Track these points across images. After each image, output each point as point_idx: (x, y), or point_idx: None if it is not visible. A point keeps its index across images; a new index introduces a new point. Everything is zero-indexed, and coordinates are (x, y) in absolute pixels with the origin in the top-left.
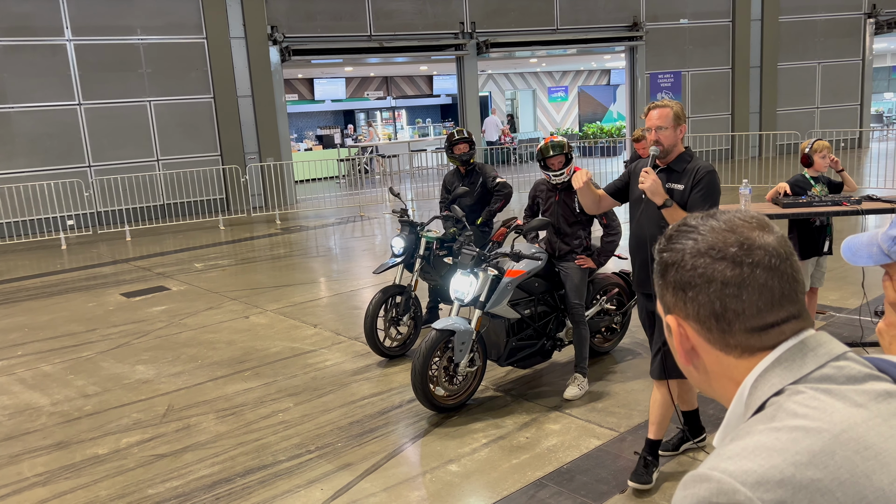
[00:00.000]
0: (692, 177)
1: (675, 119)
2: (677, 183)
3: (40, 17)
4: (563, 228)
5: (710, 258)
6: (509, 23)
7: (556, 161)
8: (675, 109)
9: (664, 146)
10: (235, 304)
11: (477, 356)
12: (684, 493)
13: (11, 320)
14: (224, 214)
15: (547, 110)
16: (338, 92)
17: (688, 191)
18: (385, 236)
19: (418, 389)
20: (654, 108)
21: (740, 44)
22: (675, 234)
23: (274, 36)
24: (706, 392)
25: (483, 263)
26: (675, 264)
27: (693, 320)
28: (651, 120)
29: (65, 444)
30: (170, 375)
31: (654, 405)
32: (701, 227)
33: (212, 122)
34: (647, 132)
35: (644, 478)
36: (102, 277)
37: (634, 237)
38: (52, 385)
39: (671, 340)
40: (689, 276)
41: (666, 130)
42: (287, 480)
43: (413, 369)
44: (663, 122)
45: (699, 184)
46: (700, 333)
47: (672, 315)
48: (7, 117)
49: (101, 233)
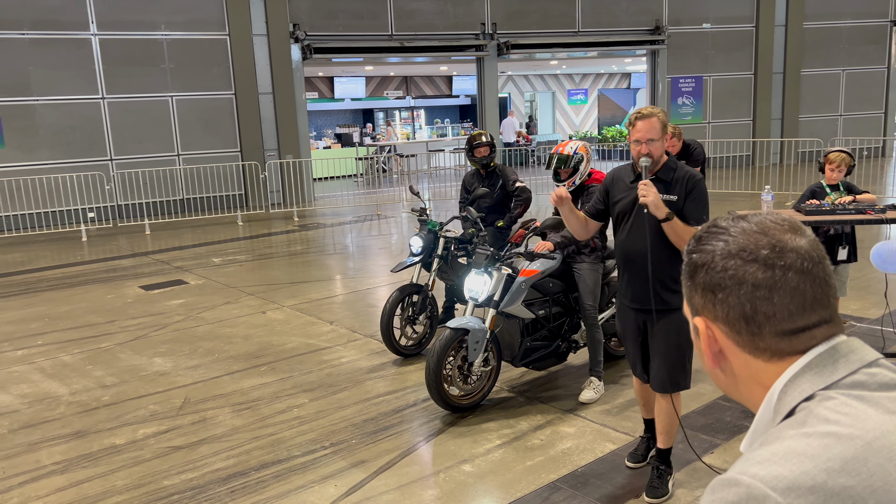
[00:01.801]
0: (684, 186)
1: (661, 128)
2: (669, 193)
3: (67, 11)
4: None
5: (741, 260)
6: (530, 24)
7: (561, 172)
8: (661, 118)
9: (654, 158)
10: (252, 299)
11: (491, 356)
12: (712, 497)
13: (32, 310)
14: (242, 210)
15: (566, 113)
16: (357, 91)
17: (682, 201)
18: (401, 235)
19: (432, 388)
20: (640, 118)
21: (764, 49)
22: (704, 236)
23: (296, 34)
24: (732, 396)
25: (497, 263)
26: (704, 265)
27: (722, 322)
28: (639, 132)
29: (83, 433)
30: (187, 368)
31: (659, 415)
32: (732, 229)
33: (232, 118)
34: (636, 144)
35: (660, 490)
36: (122, 270)
37: (625, 250)
38: (70, 375)
39: (698, 343)
40: (720, 278)
41: (656, 143)
42: (301, 475)
43: (427, 368)
44: (653, 133)
45: (692, 193)
46: (729, 336)
47: (700, 317)
48: (32, 109)
49: (121, 226)
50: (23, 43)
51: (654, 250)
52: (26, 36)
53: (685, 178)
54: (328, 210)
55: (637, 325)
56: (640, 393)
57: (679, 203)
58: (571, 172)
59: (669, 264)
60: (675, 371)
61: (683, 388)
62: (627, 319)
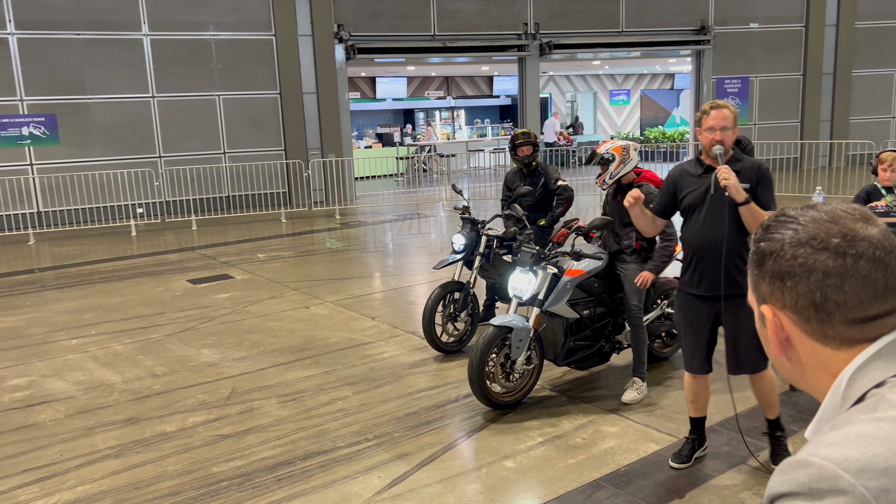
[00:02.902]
0: (755, 173)
1: (734, 120)
2: (743, 182)
3: (120, 12)
4: (616, 228)
5: (811, 248)
6: (573, 24)
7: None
8: (732, 110)
9: (726, 146)
10: (296, 294)
11: (534, 354)
12: (781, 478)
13: (86, 301)
14: (286, 208)
15: (608, 113)
16: (399, 91)
17: (754, 187)
18: (441, 234)
19: (475, 384)
20: (715, 107)
21: (813, 50)
22: (773, 224)
23: (340, 34)
24: (797, 384)
25: (543, 261)
26: (773, 253)
27: (790, 310)
28: (713, 119)
29: (135, 419)
30: (233, 360)
31: (759, 394)
32: (801, 218)
33: (277, 117)
34: (710, 132)
35: (782, 456)
36: (170, 264)
37: (699, 239)
38: (123, 364)
39: (763, 332)
40: (789, 266)
41: (728, 131)
42: (346, 466)
43: (470, 365)
44: (727, 122)
45: (763, 179)
46: (797, 324)
47: (768, 305)
48: (86, 107)
49: (168, 221)
50: (78, 43)
51: (731, 236)
52: (81, 36)
53: (754, 166)
54: (368, 209)
55: (707, 315)
56: (691, 389)
57: (752, 190)
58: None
59: (745, 248)
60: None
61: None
62: (695, 310)
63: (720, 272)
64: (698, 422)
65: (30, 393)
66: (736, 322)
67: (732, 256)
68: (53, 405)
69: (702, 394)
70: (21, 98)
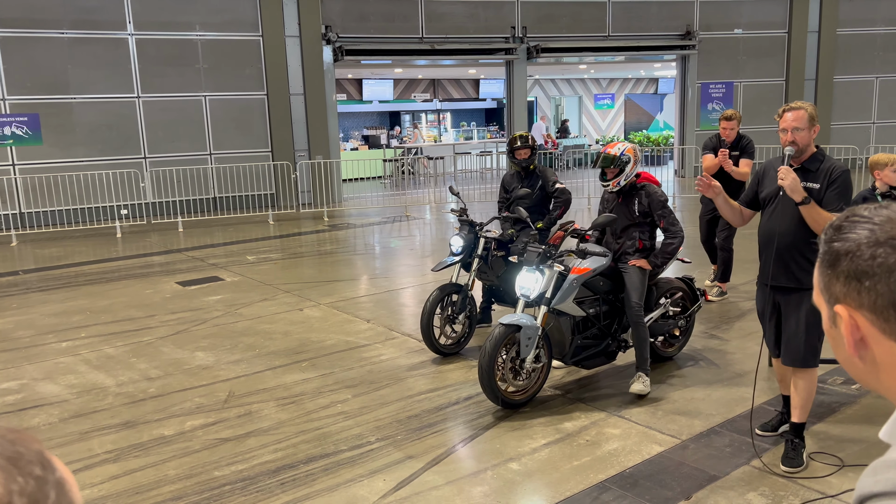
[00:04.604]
0: (827, 176)
1: (809, 120)
2: (813, 182)
3: (105, 11)
4: (618, 230)
5: (890, 248)
6: (560, 28)
7: (608, 172)
8: (809, 111)
9: (799, 146)
10: (289, 296)
11: (542, 353)
12: (875, 478)
13: (73, 303)
14: (273, 209)
15: (592, 117)
16: (385, 93)
17: (823, 189)
18: (431, 236)
19: (485, 383)
20: (789, 110)
21: (796, 56)
22: (845, 225)
23: (328, 35)
24: (869, 384)
25: (549, 260)
26: (849, 253)
27: (867, 310)
28: (786, 121)
29: (132, 423)
30: (229, 363)
31: (795, 390)
32: (875, 218)
33: (264, 118)
34: (783, 133)
35: (795, 461)
36: (158, 266)
37: (766, 231)
38: (116, 367)
39: (831, 332)
40: (867, 266)
41: (802, 132)
42: (349, 469)
43: (480, 364)
44: (799, 123)
45: (835, 182)
46: (874, 324)
47: (842, 305)
48: (69, 107)
49: (154, 223)
50: (62, 42)
51: (791, 232)
52: (65, 35)
53: (830, 168)
54: (356, 211)
55: (774, 303)
56: (777, 369)
57: (821, 191)
58: (617, 173)
59: (806, 246)
60: (807, 348)
61: (811, 365)
62: (761, 298)
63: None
64: (786, 398)
65: (21, 396)
66: (788, 315)
67: (792, 251)
68: (47, 409)
69: (788, 374)
70: (3, 97)
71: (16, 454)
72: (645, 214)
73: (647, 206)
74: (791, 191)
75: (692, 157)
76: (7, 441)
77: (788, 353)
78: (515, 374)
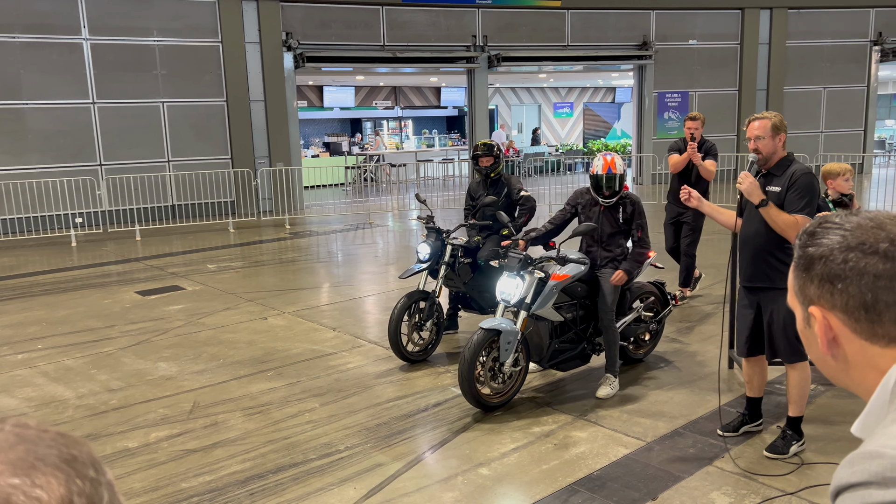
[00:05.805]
0: (789, 179)
1: (773, 129)
2: (776, 186)
3: (58, 15)
4: (605, 238)
5: (860, 252)
6: (521, 37)
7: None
8: (773, 121)
9: (762, 154)
10: (252, 305)
11: (521, 357)
12: (852, 469)
13: (29, 314)
14: (234, 217)
15: (552, 125)
16: (346, 100)
17: (784, 191)
18: (394, 243)
19: (465, 386)
20: (755, 119)
21: (748, 66)
22: (818, 231)
23: (288, 42)
24: (840, 382)
25: (529, 266)
26: (822, 258)
27: (840, 311)
28: (751, 130)
29: (94, 436)
30: (192, 373)
31: (790, 386)
32: (846, 224)
33: (224, 125)
34: (748, 141)
35: (779, 449)
36: (116, 275)
37: (742, 235)
38: (75, 379)
39: (805, 332)
40: (839, 269)
41: (764, 140)
42: (319, 478)
43: (461, 367)
44: (761, 132)
45: (795, 184)
46: (846, 324)
47: (816, 306)
48: (21, 113)
49: (110, 231)
50: (14, 46)
51: (760, 234)
52: (17, 39)
53: (792, 172)
54: (318, 218)
55: (750, 303)
56: (745, 371)
57: (782, 194)
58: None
59: (775, 246)
60: (793, 342)
61: (802, 358)
62: (741, 298)
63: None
64: (752, 401)
65: None
66: (769, 312)
67: (763, 252)
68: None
69: (755, 377)
70: None
71: (71, 457)
72: (628, 222)
73: (629, 215)
74: (748, 194)
75: (650, 164)
76: (62, 444)
77: (778, 350)
78: (493, 376)
